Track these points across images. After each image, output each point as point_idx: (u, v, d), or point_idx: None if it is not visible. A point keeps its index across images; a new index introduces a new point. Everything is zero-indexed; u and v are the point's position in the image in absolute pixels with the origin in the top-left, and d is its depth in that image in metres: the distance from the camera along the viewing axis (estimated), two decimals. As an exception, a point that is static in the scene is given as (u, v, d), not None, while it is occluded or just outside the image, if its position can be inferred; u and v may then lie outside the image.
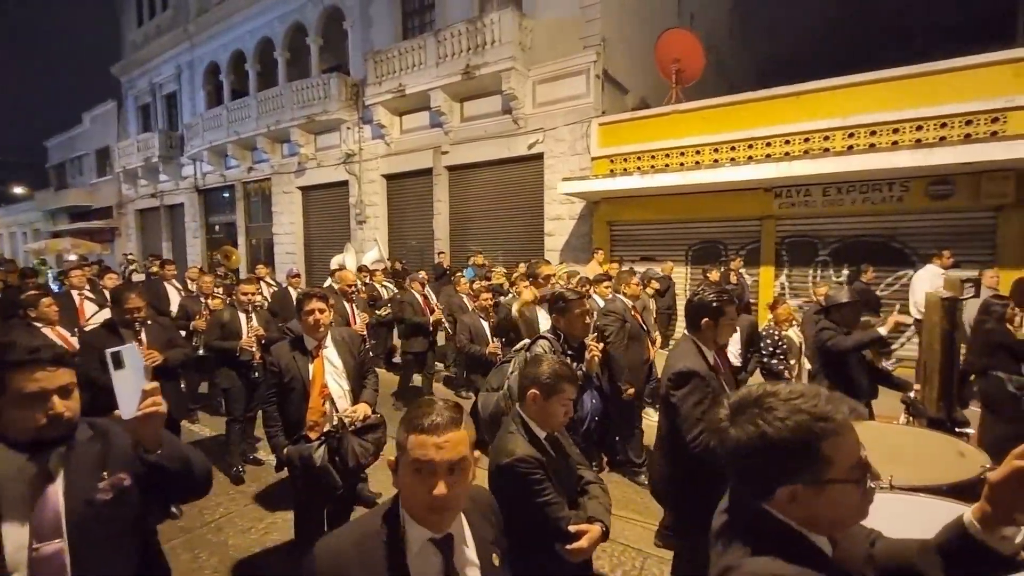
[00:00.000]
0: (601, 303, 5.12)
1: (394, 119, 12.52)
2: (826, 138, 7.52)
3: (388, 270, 9.51)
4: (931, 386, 5.24)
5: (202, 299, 5.70)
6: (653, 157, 8.94)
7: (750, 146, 8.07)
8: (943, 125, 6.75)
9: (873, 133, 7.18)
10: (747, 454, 0.91)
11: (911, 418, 3.84)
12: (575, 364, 2.83)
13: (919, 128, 6.88)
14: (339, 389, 2.79)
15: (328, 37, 14.18)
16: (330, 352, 2.83)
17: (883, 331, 3.63)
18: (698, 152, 8.52)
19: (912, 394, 4.61)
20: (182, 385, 4.78)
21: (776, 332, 4.58)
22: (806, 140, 7.66)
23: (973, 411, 4.09)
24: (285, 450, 2.65)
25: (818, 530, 0.93)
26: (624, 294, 4.55)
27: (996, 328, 3.97)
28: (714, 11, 15.24)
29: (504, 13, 9.94)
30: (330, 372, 2.79)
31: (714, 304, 2.42)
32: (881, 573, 1.07)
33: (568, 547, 1.74)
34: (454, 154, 11.63)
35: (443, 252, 11.55)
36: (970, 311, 5.50)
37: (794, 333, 4.67)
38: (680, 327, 7.92)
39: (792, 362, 4.60)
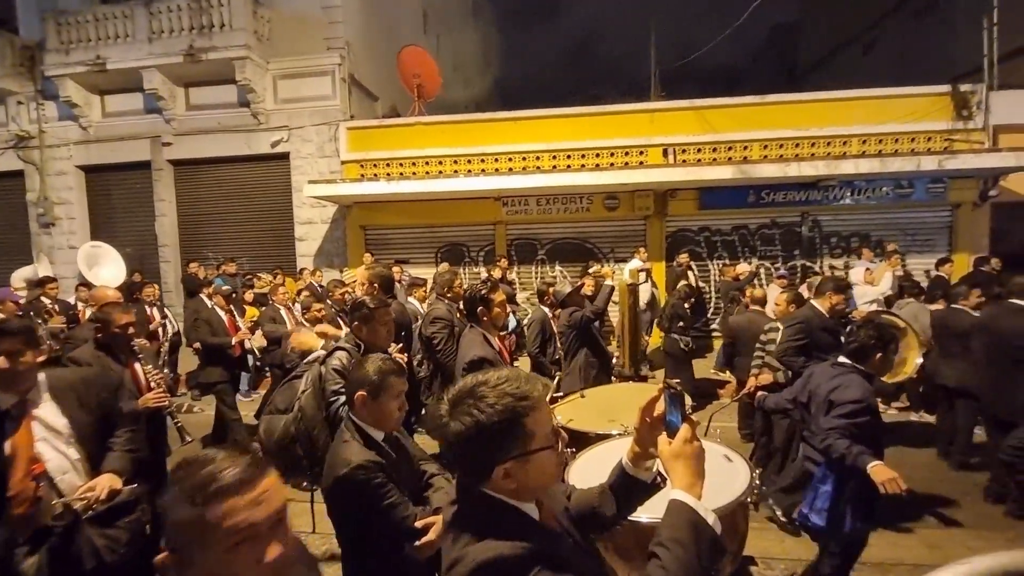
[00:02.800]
0: (421, 309, 5.12)
1: (92, 98, 10.24)
2: (538, 158, 9.06)
3: (124, 285, 7.73)
4: (624, 350, 6.72)
5: None
6: (401, 164, 9.39)
7: (483, 160, 9.18)
8: (612, 154, 8.85)
9: (569, 156, 8.95)
10: (466, 441, 0.98)
11: (613, 378, 4.92)
12: None
13: (598, 155, 8.88)
14: (62, 461, 2.00)
15: (-22, -20, 10.73)
16: (45, 409, 2.02)
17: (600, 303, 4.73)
18: (440, 162, 9.30)
19: (615, 359, 5.95)
20: None
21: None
22: (524, 158, 9.10)
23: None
24: None
25: (527, 497, 1.05)
26: (448, 297, 4.51)
27: (678, 303, 5.98)
28: (460, 35, 16.65)
29: (234, -4, 9.12)
30: (45, 438, 1.98)
31: (483, 294, 2.82)
32: (576, 520, 1.26)
33: (416, 543, 1.74)
34: (180, 147, 10.13)
35: (169, 260, 9.97)
36: (644, 292, 7.41)
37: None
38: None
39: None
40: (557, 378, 3.77)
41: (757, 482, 2.21)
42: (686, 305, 6.14)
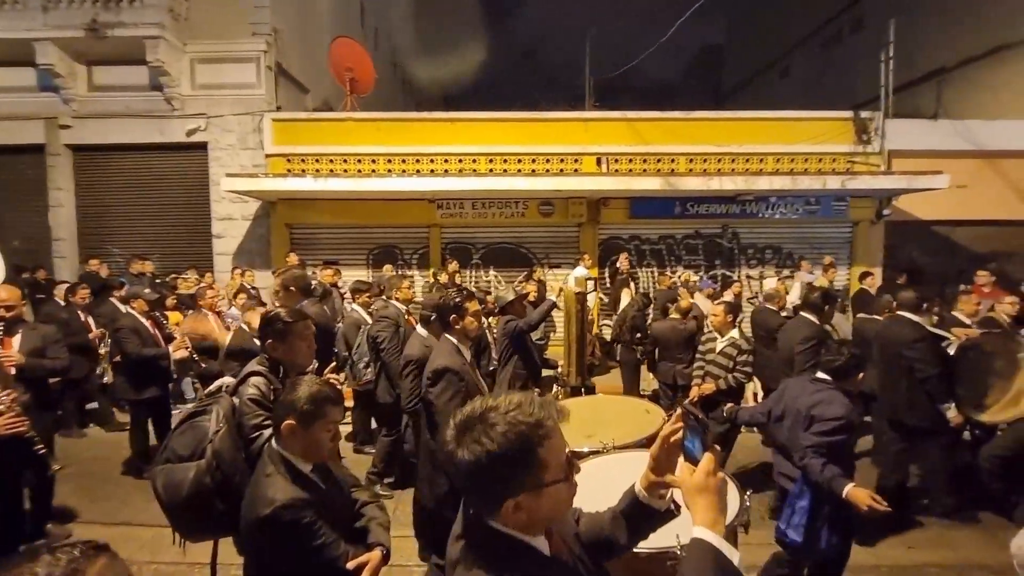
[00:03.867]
0: (365, 315, 4.90)
1: (-28, 70, 9.07)
2: (475, 160, 8.98)
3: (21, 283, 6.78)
4: (572, 360, 6.46)
5: None
6: (331, 161, 9.00)
7: (417, 160, 8.98)
8: (548, 160, 8.94)
9: (506, 161, 8.94)
10: (476, 473, 0.92)
11: (560, 388, 4.76)
12: None
13: (534, 161, 8.94)
14: None
15: None
16: None
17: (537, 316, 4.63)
18: (374, 161, 9.00)
19: (559, 369, 5.74)
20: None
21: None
22: (460, 161, 8.99)
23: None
24: None
25: (536, 530, 0.99)
26: (396, 299, 4.49)
27: (638, 314, 6.16)
28: (400, 31, 16.32)
29: (146, -31, 8.40)
30: None
31: (456, 302, 2.65)
32: (587, 546, 1.21)
33: None
34: (81, 130, 9.18)
35: (64, 256, 9.00)
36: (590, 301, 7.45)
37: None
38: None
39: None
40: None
41: (748, 504, 2.15)
42: (645, 314, 6.32)
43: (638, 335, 6.09)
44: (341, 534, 1.66)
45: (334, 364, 2.81)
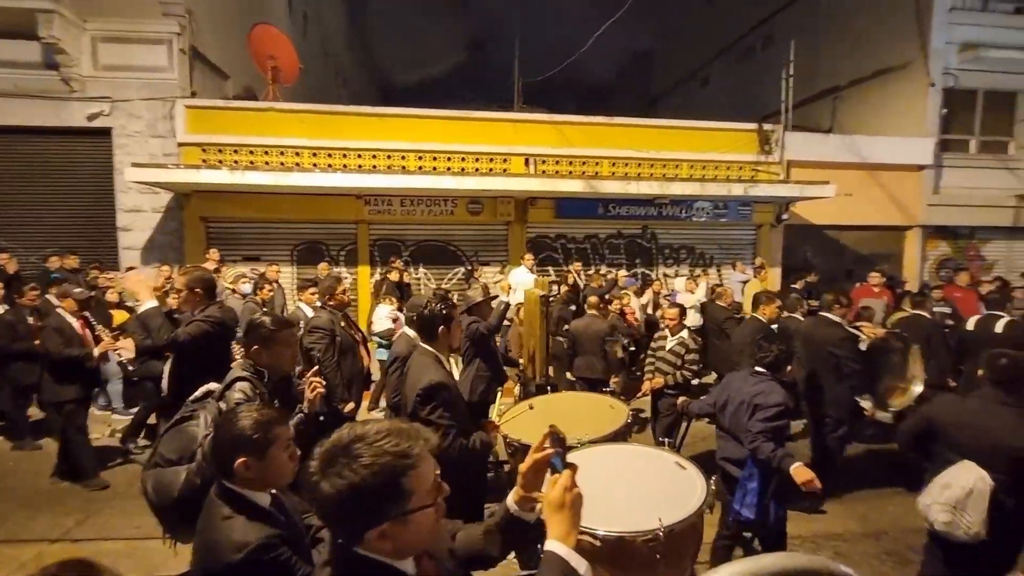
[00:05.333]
0: (310, 313, 4.62)
1: None
2: (404, 157, 8.95)
3: None
4: (537, 359, 6.34)
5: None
6: (252, 152, 8.66)
7: (345, 155, 8.82)
8: (477, 159, 9.07)
9: (435, 158, 8.98)
10: (340, 504, 0.92)
11: (522, 386, 5.00)
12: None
13: (463, 159, 9.03)
14: None
15: None
16: None
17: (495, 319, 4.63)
18: (298, 154, 8.75)
19: (520, 366, 5.62)
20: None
21: None
22: (389, 157, 8.93)
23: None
24: None
25: (405, 555, 1.01)
26: (330, 305, 4.16)
27: (563, 307, 6.28)
28: (332, 20, 15.82)
29: (33, -64, 7.68)
30: None
31: (445, 312, 2.53)
32: (463, 560, 1.24)
33: None
34: (-41, 109, 8.27)
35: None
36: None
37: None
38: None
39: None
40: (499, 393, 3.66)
41: (712, 487, 2.30)
42: (571, 308, 6.57)
43: (565, 327, 6.35)
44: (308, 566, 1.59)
45: (317, 368, 2.72)
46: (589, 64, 12.53)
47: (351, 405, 3.92)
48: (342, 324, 4.13)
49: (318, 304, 4.50)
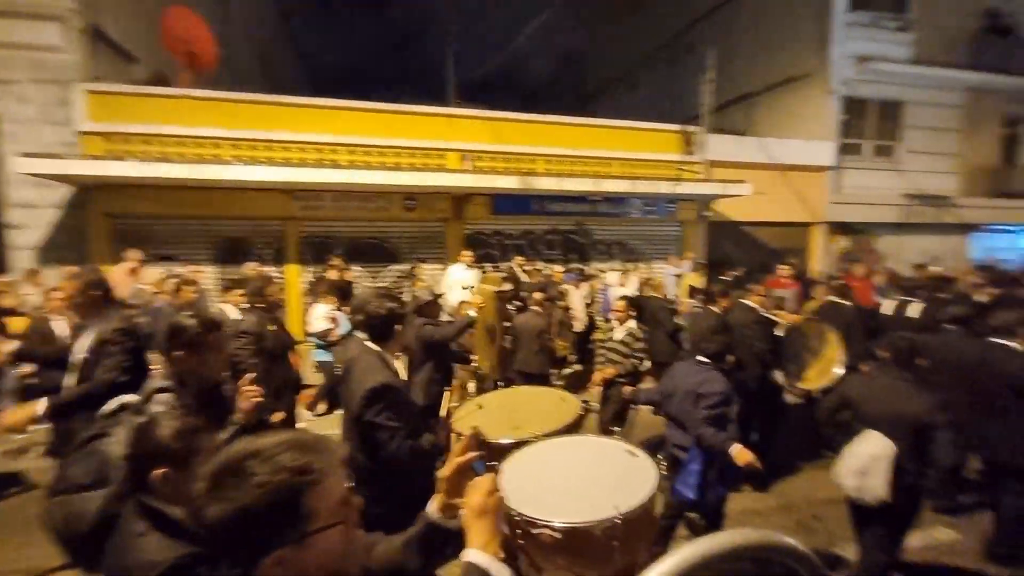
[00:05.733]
0: (235, 316, 4.26)
1: None
2: (335, 151, 8.66)
3: None
4: (491, 355, 5.96)
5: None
6: (164, 143, 8.04)
7: (270, 147, 8.40)
8: (412, 154, 8.94)
9: (368, 153, 8.76)
10: (228, 529, 0.82)
11: (478, 383, 4.91)
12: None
13: (397, 154, 8.87)
14: None
15: None
16: None
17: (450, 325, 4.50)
18: (217, 145, 8.22)
19: (474, 364, 5.60)
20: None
21: None
22: (319, 150, 8.60)
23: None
24: None
25: None
26: (260, 307, 3.88)
27: (500, 304, 5.99)
28: (257, 4, 14.98)
29: None
30: None
31: (399, 312, 2.45)
32: None
33: None
34: None
35: None
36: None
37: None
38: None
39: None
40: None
41: (664, 472, 2.37)
42: (509, 306, 6.58)
43: (505, 323, 6.41)
44: None
45: (254, 375, 2.50)
46: (525, 63, 12.68)
47: (280, 415, 3.76)
48: (271, 327, 3.91)
49: (245, 306, 4.24)
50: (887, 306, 5.96)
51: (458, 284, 7.45)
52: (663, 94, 15.57)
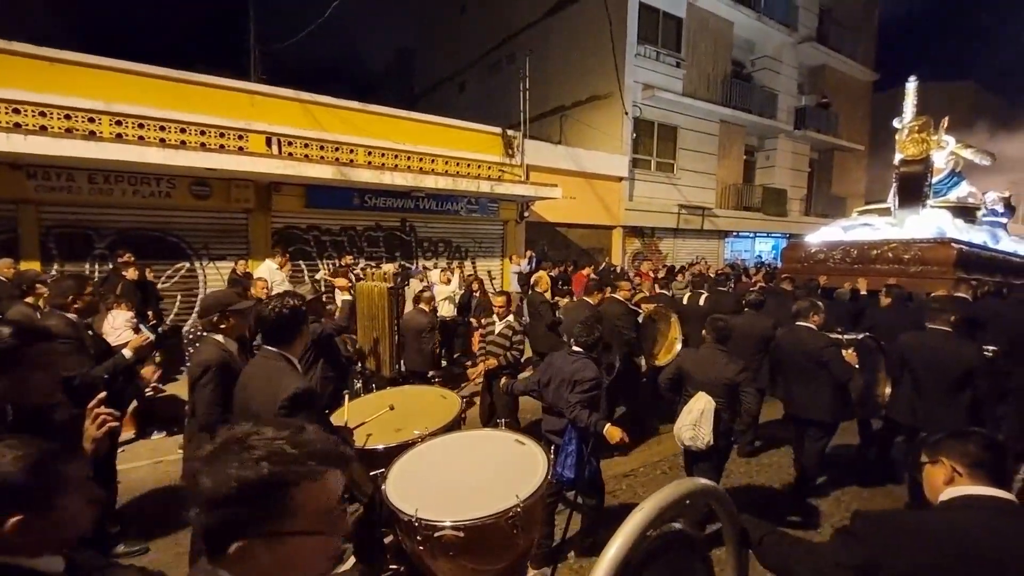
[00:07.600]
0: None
1: None
2: (93, 120, 6.98)
3: None
4: (384, 353, 5.62)
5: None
6: None
7: (-12, 107, 6.41)
8: (203, 133, 7.68)
9: (142, 126, 7.26)
10: (213, 503, 0.77)
11: (364, 383, 4.72)
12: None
13: (183, 131, 7.54)
14: None
15: None
16: None
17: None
18: None
19: (361, 365, 5.27)
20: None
21: None
22: (68, 117, 6.84)
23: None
24: None
25: None
26: (74, 309, 3.12)
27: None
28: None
29: None
30: None
31: (303, 309, 2.29)
32: None
33: None
34: None
35: None
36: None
37: None
38: None
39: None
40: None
41: (553, 456, 2.41)
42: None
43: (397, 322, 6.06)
44: None
45: (104, 394, 1.88)
46: (356, 56, 11.93)
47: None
48: (87, 335, 3.17)
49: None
50: (685, 298, 7.06)
51: (276, 287, 6.65)
52: (488, 99, 16.19)
